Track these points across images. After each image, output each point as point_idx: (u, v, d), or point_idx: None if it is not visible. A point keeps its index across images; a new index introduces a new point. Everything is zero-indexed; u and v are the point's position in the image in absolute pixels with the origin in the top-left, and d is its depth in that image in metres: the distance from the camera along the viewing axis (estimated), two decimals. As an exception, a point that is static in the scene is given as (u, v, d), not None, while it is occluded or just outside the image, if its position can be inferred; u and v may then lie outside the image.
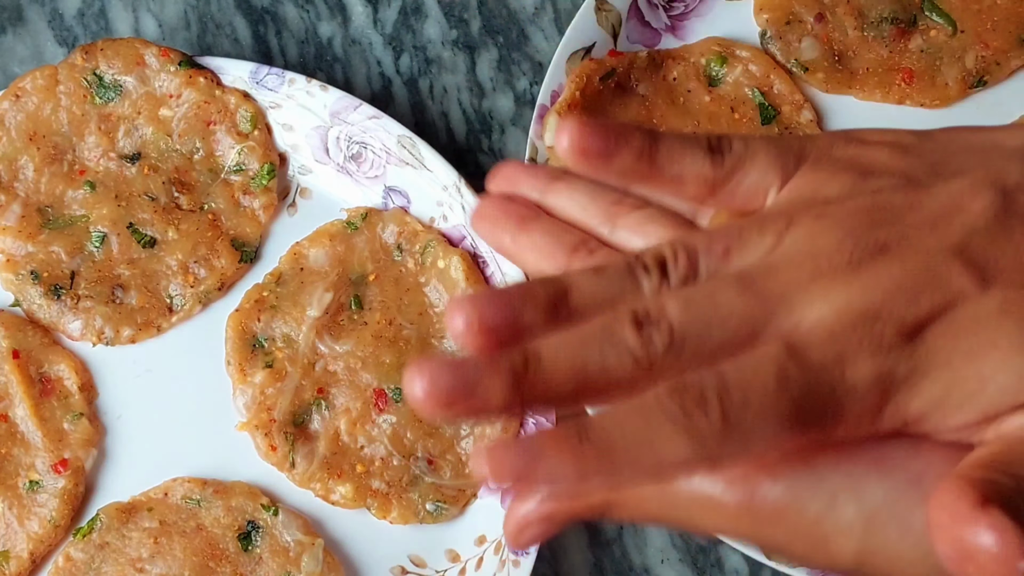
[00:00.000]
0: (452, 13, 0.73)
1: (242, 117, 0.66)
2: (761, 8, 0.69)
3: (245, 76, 0.67)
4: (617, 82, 0.67)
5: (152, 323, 0.65)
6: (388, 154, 0.66)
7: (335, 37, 0.73)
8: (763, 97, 0.68)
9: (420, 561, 0.62)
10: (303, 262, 0.65)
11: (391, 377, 0.63)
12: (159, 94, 0.66)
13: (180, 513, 0.62)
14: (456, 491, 0.62)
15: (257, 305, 0.65)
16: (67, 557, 0.61)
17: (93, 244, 0.65)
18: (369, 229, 0.65)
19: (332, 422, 0.63)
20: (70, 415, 0.63)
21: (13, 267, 0.64)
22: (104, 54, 0.66)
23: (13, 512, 0.61)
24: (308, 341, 0.64)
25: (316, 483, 0.62)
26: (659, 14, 0.70)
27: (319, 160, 0.67)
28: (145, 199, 0.66)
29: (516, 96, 0.72)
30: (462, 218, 0.65)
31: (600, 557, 0.65)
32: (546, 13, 0.73)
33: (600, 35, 0.67)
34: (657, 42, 0.70)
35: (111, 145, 0.66)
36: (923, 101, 0.69)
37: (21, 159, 0.66)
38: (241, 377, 0.63)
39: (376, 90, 0.72)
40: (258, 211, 0.66)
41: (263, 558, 0.61)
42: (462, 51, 0.73)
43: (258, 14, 0.73)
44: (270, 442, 0.62)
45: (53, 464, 0.62)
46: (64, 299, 0.64)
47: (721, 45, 0.69)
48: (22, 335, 0.64)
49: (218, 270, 0.65)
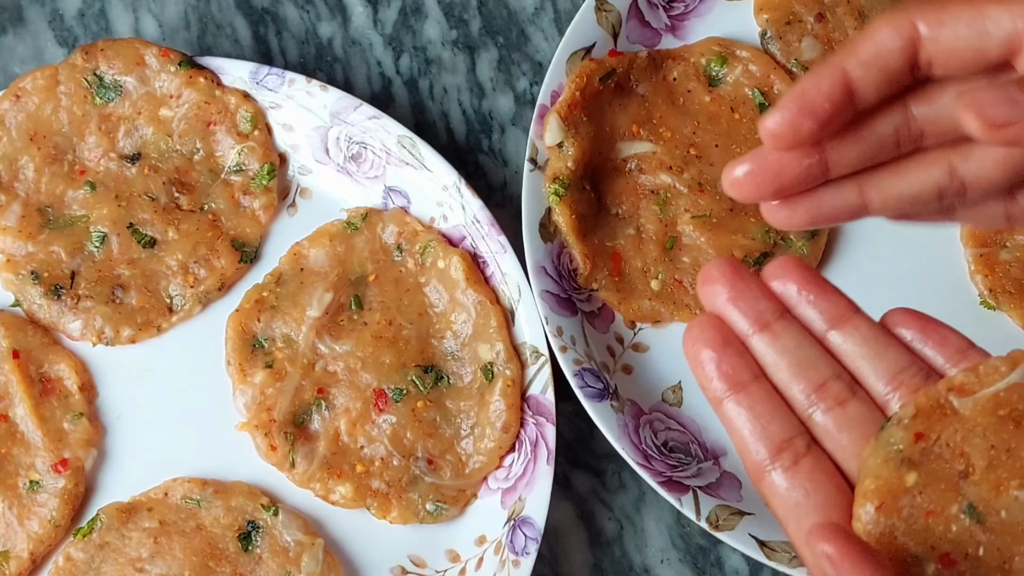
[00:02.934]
0: (452, 13, 0.73)
1: (242, 117, 0.66)
2: (761, 8, 0.69)
3: (245, 76, 0.67)
4: (617, 82, 0.67)
5: (152, 323, 0.65)
6: (388, 154, 0.66)
7: (335, 37, 0.73)
8: (763, 97, 0.68)
9: (420, 561, 0.62)
10: (303, 262, 0.65)
11: (391, 377, 0.63)
12: (159, 94, 0.66)
13: (180, 513, 0.62)
14: (456, 491, 0.62)
15: (257, 305, 0.65)
16: (67, 557, 0.61)
17: (93, 244, 0.65)
18: (369, 229, 0.65)
19: (332, 422, 0.63)
20: (70, 415, 0.63)
21: (13, 267, 0.64)
22: (104, 54, 0.66)
23: (13, 512, 0.61)
24: (308, 341, 0.64)
25: (316, 483, 0.62)
26: (659, 14, 0.70)
27: (319, 160, 0.67)
28: (145, 199, 0.66)
29: (516, 96, 0.72)
30: (462, 218, 0.65)
31: (600, 557, 0.65)
32: (546, 13, 0.73)
33: (600, 35, 0.67)
34: (657, 42, 0.70)
35: (111, 145, 0.66)
36: (923, 101, 0.69)
37: (21, 159, 0.66)
38: (241, 377, 0.63)
39: (376, 90, 0.72)
40: (258, 211, 0.66)
41: (263, 558, 0.61)
42: (462, 51, 0.73)
43: (258, 14, 0.73)
44: (270, 442, 0.62)
45: (53, 464, 0.62)
46: (64, 299, 0.64)
47: (721, 45, 0.69)
48: (22, 335, 0.64)
49: (218, 270, 0.65)
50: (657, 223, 0.66)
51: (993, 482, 0.35)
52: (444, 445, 0.63)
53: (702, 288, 0.39)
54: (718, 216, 0.66)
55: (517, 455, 0.62)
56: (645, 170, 0.67)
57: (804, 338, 0.38)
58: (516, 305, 0.64)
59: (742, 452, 0.38)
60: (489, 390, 0.63)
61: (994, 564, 0.35)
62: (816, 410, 0.38)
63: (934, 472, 0.35)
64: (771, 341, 0.38)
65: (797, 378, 0.38)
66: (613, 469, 0.66)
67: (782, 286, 0.39)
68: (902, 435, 0.36)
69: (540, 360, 0.63)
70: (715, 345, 0.38)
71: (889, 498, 0.35)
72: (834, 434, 0.37)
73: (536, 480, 0.61)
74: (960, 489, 0.35)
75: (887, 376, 0.38)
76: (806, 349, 0.38)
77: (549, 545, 0.65)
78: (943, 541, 0.35)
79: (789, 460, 0.37)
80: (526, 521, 0.60)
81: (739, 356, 0.38)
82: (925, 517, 0.35)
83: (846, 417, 0.37)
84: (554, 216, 0.64)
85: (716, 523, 0.60)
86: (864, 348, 0.38)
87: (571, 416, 0.66)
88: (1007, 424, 0.36)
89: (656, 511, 0.66)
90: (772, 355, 0.38)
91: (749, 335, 0.39)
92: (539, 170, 0.65)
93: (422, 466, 0.62)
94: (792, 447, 0.37)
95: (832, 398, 0.38)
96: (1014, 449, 0.35)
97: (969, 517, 0.35)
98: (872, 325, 0.39)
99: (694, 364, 0.39)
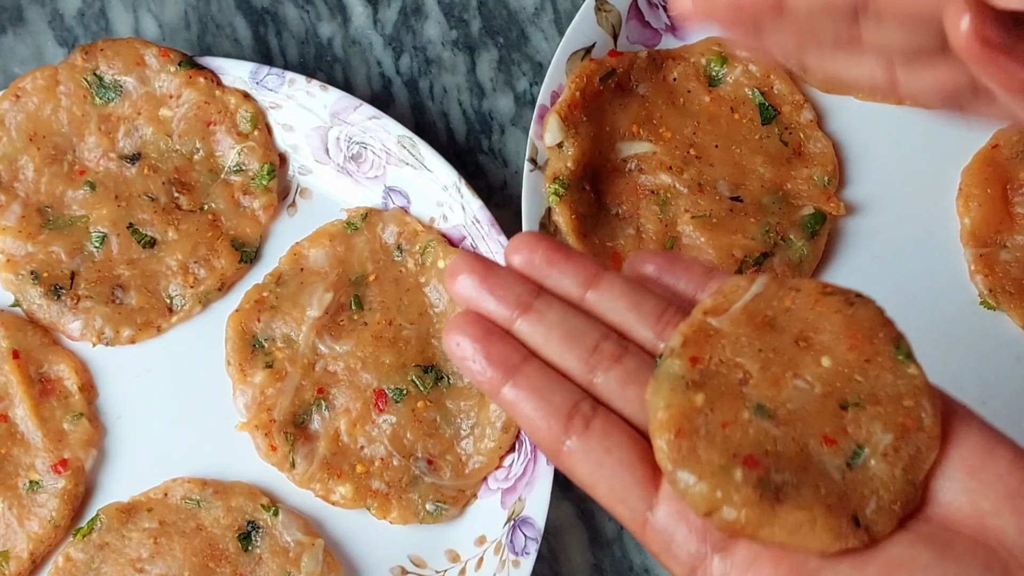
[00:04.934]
0: (452, 13, 0.73)
1: (242, 117, 0.66)
2: (761, 8, 0.69)
3: (245, 76, 0.67)
4: (617, 82, 0.67)
5: (152, 323, 0.65)
6: (388, 154, 0.66)
7: (335, 37, 0.73)
8: (763, 97, 0.68)
9: (420, 561, 0.62)
10: (303, 262, 0.65)
11: (391, 377, 0.63)
12: (159, 94, 0.66)
13: (180, 513, 0.62)
14: (456, 491, 0.62)
15: (257, 305, 0.65)
16: (67, 557, 0.61)
17: (93, 244, 0.65)
18: (369, 229, 0.65)
19: (332, 422, 0.63)
20: (70, 415, 0.63)
21: (13, 267, 0.64)
22: (104, 54, 0.66)
23: (13, 512, 0.61)
24: (308, 341, 0.64)
25: (316, 483, 0.62)
26: (659, 14, 0.70)
27: (319, 160, 0.67)
28: (145, 199, 0.66)
29: (516, 96, 0.72)
30: (462, 218, 0.65)
31: (600, 557, 0.65)
32: (546, 13, 0.73)
33: (600, 35, 0.67)
34: (657, 42, 0.70)
35: (111, 145, 0.66)
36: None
37: (21, 159, 0.66)
38: (241, 377, 0.63)
39: (376, 90, 0.72)
40: (258, 211, 0.66)
41: (263, 558, 0.61)
42: (462, 51, 0.73)
43: (258, 14, 0.73)
44: (270, 442, 0.62)
45: (53, 464, 0.62)
46: (64, 299, 0.64)
47: (721, 45, 0.68)
48: (22, 335, 0.64)
49: (218, 270, 0.65)
50: (657, 223, 0.66)
51: (771, 380, 0.38)
52: (444, 445, 0.63)
53: (451, 284, 0.40)
54: (718, 216, 0.66)
55: (517, 455, 0.62)
56: (645, 170, 0.67)
57: (566, 309, 0.39)
58: (516, 305, 0.64)
59: (533, 432, 0.38)
60: (489, 390, 0.63)
61: (792, 453, 0.37)
62: (596, 374, 0.38)
63: (717, 388, 0.38)
64: (536, 320, 0.39)
65: (571, 348, 0.38)
66: (613, 469, 0.66)
67: (527, 260, 0.40)
68: (679, 363, 0.38)
69: (540, 360, 0.63)
70: (478, 336, 0.39)
71: (684, 422, 0.37)
72: (618, 391, 0.38)
73: (536, 480, 0.61)
74: (745, 395, 0.38)
75: (651, 321, 0.39)
76: (571, 319, 0.39)
77: (549, 545, 0.65)
78: (743, 446, 0.37)
79: (580, 426, 0.37)
80: (526, 521, 0.60)
81: (504, 342, 0.39)
82: (722, 429, 0.37)
83: (625, 372, 0.38)
84: (554, 216, 0.64)
85: (716, 523, 0.60)
86: (623, 300, 0.39)
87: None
88: (764, 329, 0.39)
89: (656, 511, 0.66)
90: (541, 332, 0.39)
91: (512, 320, 0.39)
92: (539, 170, 0.65)
93: (422, 466, 0.62)
94: (580, 412, 0.38)
95: (608, 358, 0.38)
96: (778, 347, 0.39)
97: (760, 416, 0.38)
98: (624, 279, 0.40)
99: (461, 360, 0.39)
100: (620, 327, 0.39)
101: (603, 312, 0.40)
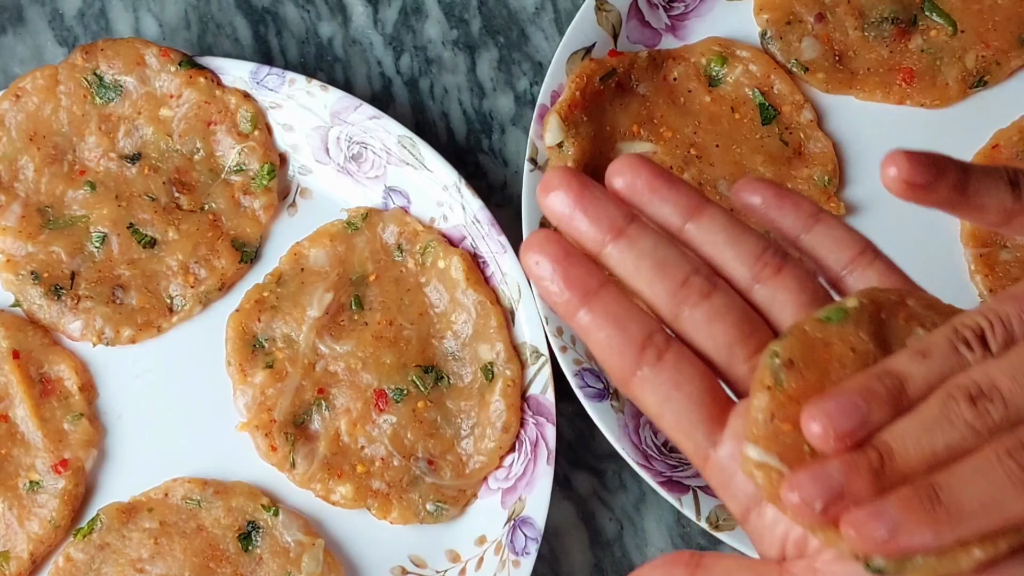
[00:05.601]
0: (452, 13, 0.73)
1: (242, 117, 0.66)
2: (761, 8, 0.69)
3: (245, 76, 0.67)
4: (617, 82, 0.67)
5: (152, 323, 0.65)
6: (388, 154, 0.66)
7: (335, 37, 0.73)
8: (763, 97, 0.68)
9: (420, 561, 0.62)
10: (303, 262, 0.65)
11: (392, 377, 0.63)
12: (159, 94, 0.66)
13: (180, 513, 0.62)
14: (456, 491, 0.62)
15: (257, 305, 0.65)
16: (67, 557, 0.61)
17: (93, 244, 0.65)
18: (369, 229, 0.65)
19: (332, 422, 0.63)
20: (70, 415, 0.63)
21: (13, 267, 0.64)
22: (104, 54, 0.66)
23: (13, 512, 0.61)
24: (308, 341, 0.64)
25: (316, 483, 0.62)
26: (659, 14, 0.70)
27: (319, 160, 0.67)
28: (145, 199, 0.66)
29: (516, 96, 0.72)
30: (462, 218, 0.65)
31: (600, 557, 0.65)
32: (546, 13, 0.73)
33: (600, 35, 0.67)
34: (657, 42, 0.69)
35: (111, 145, 0.66)
36: (923, 101, 0.69)
37: (21, 159, 0.66)
38: (241, 377, 0.63)
39: (376, 90, 0.72)
40: (258, 211, 0.66)
41: (263, 558, 0.61)
42: (462, 51, 0.73)
43: (258, 14, 0.73)
44: (270, 442, 0.62)
45: (53, 464, 0.62)
46: (64, 299, 0.64)
47: (721, 45, 0.68)
48: (22, 335, 0.64)
49: (218, 270, 0.65)
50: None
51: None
52: (444, 445, 0.63)
53: (544, 198, 0.38)
54: (718, 216, 0.66)
55: (517, 455, 0.62)
56: (645, 170, 0.67)
57: (659, 238, 0.38)
58: (516, 305, 0.64)
59: (605, 360, 0.37)
60: (489, 390, 0.63)
61: None
62: (683, 308, 0.37)
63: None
64: (628, 246, 0.37)
65: (661, 279, 0.37)
66: (613, 469, 0.66)
67: (629, 184, 0.38)
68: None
69: (540, 360, 0.63)
70: (558, 257, 0.37)
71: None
72: (703, 328, 0.37)
73: (536, 480, 0.61)
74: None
75: (750, 260, 0.38)
76: (663, 248, 0.37)
77: (549, 545, 0.65)
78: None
79: (653, 356, 0.36)
80: (526, 521, 0.60)
81: (583, 264, 0.37)
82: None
83: (713, 308, 0.37)
84: (554, 216, 0.64)
85: (716, 523, 0.60)
86: (723, 235, 0.38)
87: (571, 416, 0.66)
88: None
89: (656, 511, 0.66)
90: (631, 260, 0.37)
91: (603, 244, 0.38)
92: (539, 170, 0.65)
93: (422, 466, 0.62)
94: (653, 343, 0.37)
95: (696, 292, 0.37)
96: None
97: None
98: (727, 213, 0.38)
99: (539, 280, 0.37)
100: (715, 261, 0.38)
101: (700, 245, 0.38)
